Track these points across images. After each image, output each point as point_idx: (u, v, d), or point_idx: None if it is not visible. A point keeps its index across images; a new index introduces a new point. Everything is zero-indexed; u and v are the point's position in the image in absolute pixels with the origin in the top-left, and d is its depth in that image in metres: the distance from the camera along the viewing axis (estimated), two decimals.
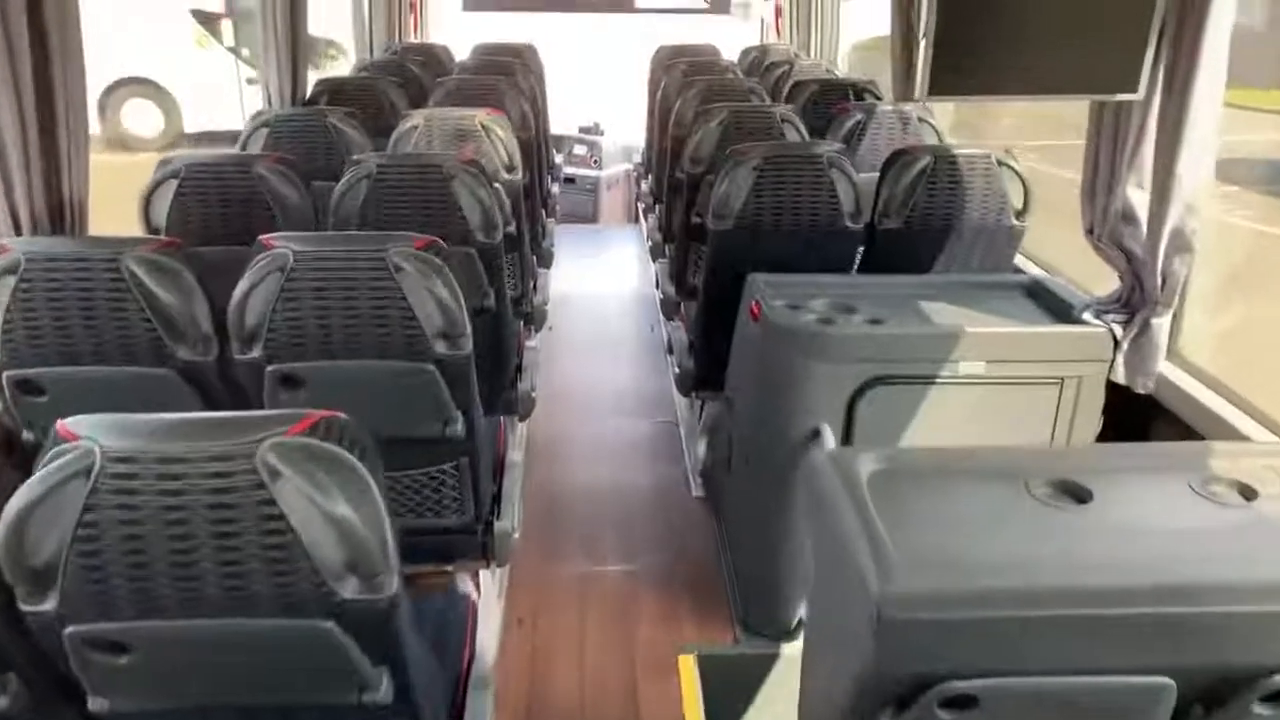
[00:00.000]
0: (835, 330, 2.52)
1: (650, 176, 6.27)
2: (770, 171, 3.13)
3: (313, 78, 4.77)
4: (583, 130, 8.81)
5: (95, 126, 13.35)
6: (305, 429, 1.29)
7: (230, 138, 4.24)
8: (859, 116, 4.04)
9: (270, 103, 4.37)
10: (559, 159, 7.59)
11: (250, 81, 12.17)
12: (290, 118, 3.86)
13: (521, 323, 3.90)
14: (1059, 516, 1.29)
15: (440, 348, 2.15)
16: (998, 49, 2.17)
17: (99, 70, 12.80)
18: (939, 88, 2.24)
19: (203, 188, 2.95)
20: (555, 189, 6.12)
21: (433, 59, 5.84)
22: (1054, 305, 2.71)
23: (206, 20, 12.11)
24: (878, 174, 3.42)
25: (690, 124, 4.60)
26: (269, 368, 2.15)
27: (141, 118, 13.29)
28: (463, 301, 2.15)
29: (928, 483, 1.37)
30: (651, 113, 6.26)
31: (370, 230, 2.92)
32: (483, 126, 3.73)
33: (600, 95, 10.76)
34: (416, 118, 3.77)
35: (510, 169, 3.80)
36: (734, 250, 3.20)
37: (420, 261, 2.10)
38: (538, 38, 6.96)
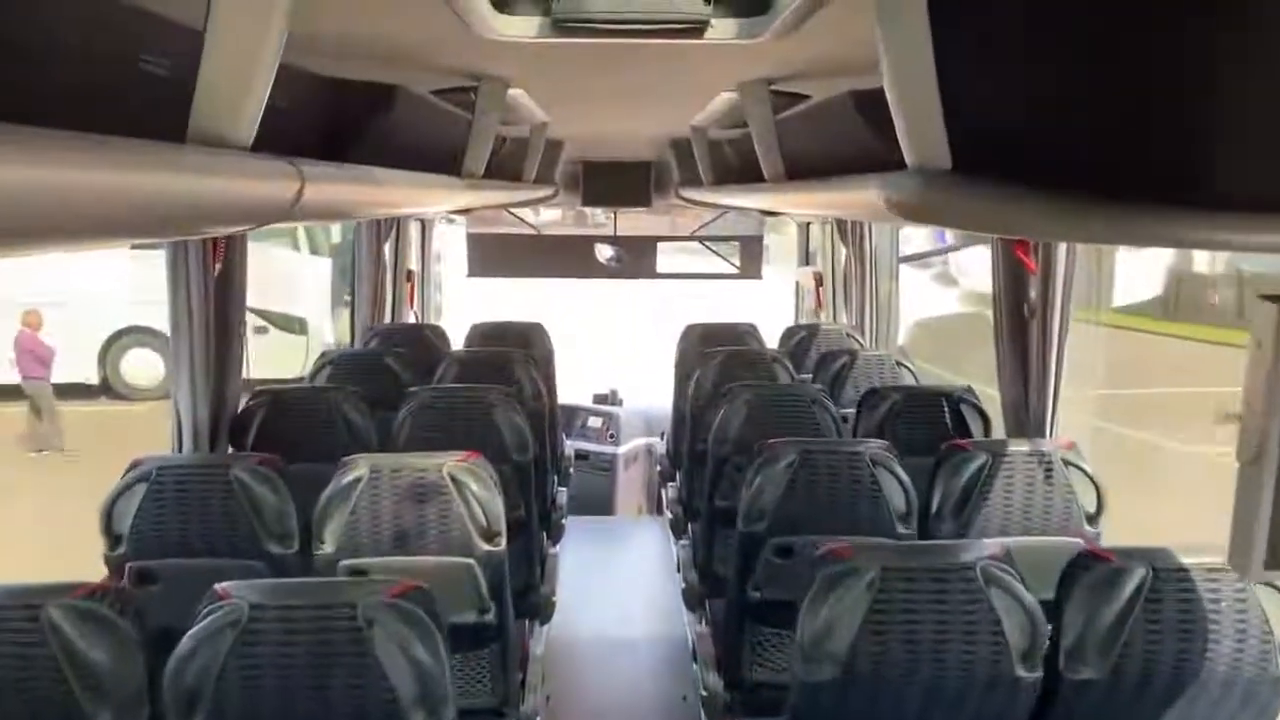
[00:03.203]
0: None
1: (679, 478, 5.14)
2: (896, 592, 1.99)
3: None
4: (598, 399, 7.79)
5: (93, 374, 12.99)
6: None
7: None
8: (983, 460, 2.88)
9: (180, 443, 3.17)
10: (568, 446, 6.51)
11: (258, 330, 11.79)
12: (179, 469, 2.77)
13: None
14: None
15: None
16: None
17: (105, 317, 12.54)
18: None
19: None
20: (562, 497, 4.98)
21: (419, 348, 4.81)
22: None
23: None
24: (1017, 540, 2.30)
25: (734, 441, 3.55)
26: None
27: (141, 367, 13.21)
28: None
29: None
30: (681, 415, 5.14)
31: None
32: (452, 480, 2.66)
33: (617, 357, 9.95)
34: (361, 468, 2.70)
35: (491, 536, 2.70)
36: (834, 713, 2.01)
37: None
38: (547, 295, 6.18)
